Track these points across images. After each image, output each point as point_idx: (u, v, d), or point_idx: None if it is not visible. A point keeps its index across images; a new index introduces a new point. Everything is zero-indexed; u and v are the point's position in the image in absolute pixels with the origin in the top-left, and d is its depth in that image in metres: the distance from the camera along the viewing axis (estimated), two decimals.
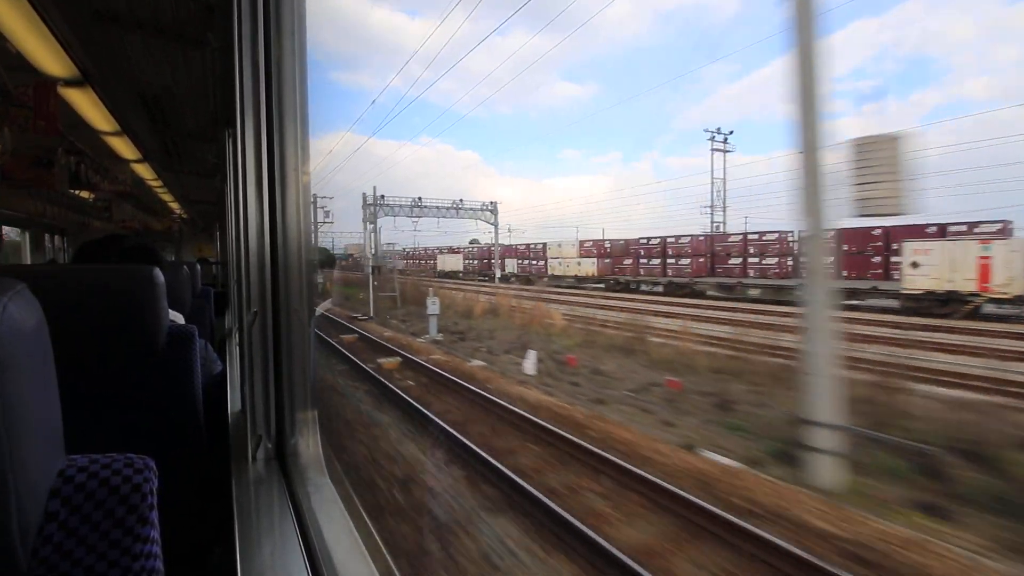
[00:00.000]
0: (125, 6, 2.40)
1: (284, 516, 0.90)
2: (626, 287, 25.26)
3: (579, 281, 28.16)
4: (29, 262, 6.62)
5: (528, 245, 34.96)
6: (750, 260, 20.48)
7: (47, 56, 2.40)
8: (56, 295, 0.88)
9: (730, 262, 21.21)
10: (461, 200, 31.24)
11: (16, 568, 0.38)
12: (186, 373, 1.11)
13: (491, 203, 32.25)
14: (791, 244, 19.11)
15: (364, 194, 26.83)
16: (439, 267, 41.36)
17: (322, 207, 34.66)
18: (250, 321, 1.14)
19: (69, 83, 2.73)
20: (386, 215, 27.48)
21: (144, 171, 5.49)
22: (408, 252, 49.99)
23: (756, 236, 20.71)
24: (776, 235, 20.03)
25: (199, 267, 3.13)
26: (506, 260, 34.91)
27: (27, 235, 6.85)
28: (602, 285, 26.60)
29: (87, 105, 3.08)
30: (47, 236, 7.34)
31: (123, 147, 4.27)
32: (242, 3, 1.09)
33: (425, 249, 48.51)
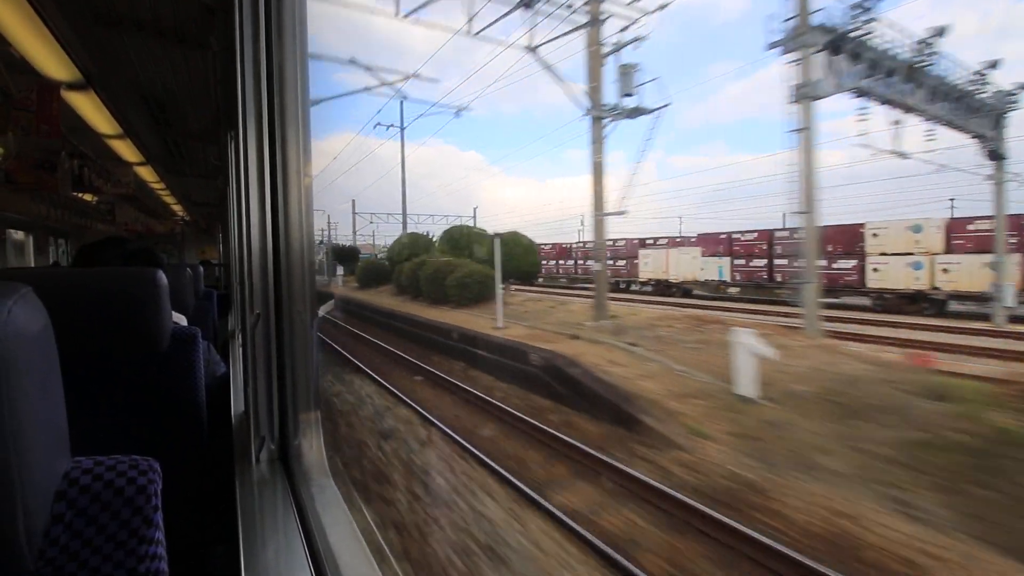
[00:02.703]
0: (127, 9, 2.41)
1: (287, 517, 0.90)
2: None
3: (932, 304, 13.17)
4: (33, 265, 6.65)
5: (763, 232, 17.84)
6: None
7: (49, 59, 2.40)
8: (60, 298, 0.88)
9: None
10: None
11: (23, 570, 0.39)
12: (189, 375, 1.12)
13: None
14: None
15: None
16: (643, 273, 22.14)
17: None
18: (253, 323, 1.14)
19: (72, 86, 2.74)
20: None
21: (147, 173, 5.50)
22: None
23: None
24: None
25: (202, 269, 3.14)
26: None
27: (31, 238, 6.89)
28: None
29: (90, 108, 3.09)
30: (50, 239, 7.37)
31: (126, 150, 4.29)
32: (243, 6, 1.09)
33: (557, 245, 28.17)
